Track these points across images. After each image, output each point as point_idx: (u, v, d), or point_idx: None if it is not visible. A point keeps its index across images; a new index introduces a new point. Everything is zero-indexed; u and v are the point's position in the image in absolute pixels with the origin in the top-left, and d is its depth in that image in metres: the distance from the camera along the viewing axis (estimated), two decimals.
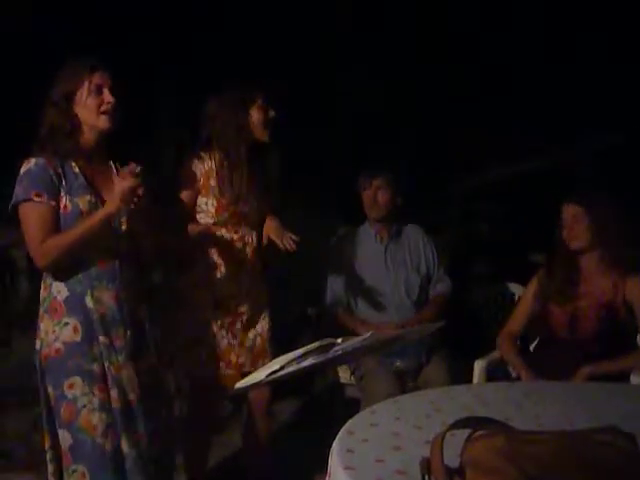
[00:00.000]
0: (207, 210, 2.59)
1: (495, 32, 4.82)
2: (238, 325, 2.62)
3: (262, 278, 2.72)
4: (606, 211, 2.54)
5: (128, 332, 2.15)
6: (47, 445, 2.12)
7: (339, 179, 4.17)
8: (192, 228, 2.58)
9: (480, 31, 4.83)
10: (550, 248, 2.70)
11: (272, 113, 2.61)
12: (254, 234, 2.65)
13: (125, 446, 2.07)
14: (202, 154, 2.60)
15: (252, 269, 2.66)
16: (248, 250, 2.64)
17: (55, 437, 2.10)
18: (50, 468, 2.12)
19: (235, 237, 2.61)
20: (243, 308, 2.62)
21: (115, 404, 2.07)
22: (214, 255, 2.59)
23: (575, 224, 2.54)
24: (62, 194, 2.08)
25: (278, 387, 2.68)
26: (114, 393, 2.07)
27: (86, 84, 2.12)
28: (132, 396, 2.12)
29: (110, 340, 2.10)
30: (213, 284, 2.59)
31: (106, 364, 2.08)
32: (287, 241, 2.53)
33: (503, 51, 4.83)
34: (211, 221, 2.59)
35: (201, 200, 2.59)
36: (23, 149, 2.14)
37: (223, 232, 2.60)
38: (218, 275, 2.59)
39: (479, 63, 4.87)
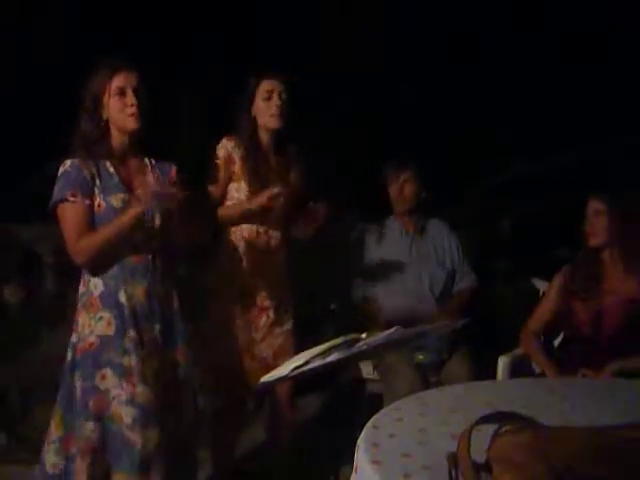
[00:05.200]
0: (237, 197, 2.59)
1: (515, 30, 4.81)
2: (263, 319, 2.62)
3: (286, 273, 2.71)
4: (629, 208, 2.52)
5: (157, 326, 2.19)
6: (56, 435, 2.14)
7: (360, 175, 4.17)
8: (223, 210, 2.59)
9: (500, 29, 4.82)
10: (574, 244, 2.69)
11: (277, 100, 2.57)
12: (280, 227, 2.64)
13: (150, 441, 2.09)
14: (226, 141, 2.61)
15: (276, 263, 2.66)
16: (273, 243, 2.63)
17: (70, 430, 2.12)
18: (54, 460, 2.13)
19: (260, 229, 2.61)
20: (267, 302, 2.62)
21: (140, 399, 2.10)
22: (239, 247, 2.60)
23: (596, 220, 2.53)
24: (96, 193, 2.13)
25: (302, 382, 2.69)
26: (140, 388, 2.10)
27: (108, 87, 2.14)
28: (157, 391, 2.14)
29: (139, 334, 2.14)
30: (238, 277, 2.59)
31: (135, 358, 2.12)
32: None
33: (525, 48, 4.81)
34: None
35: (232, 186, 2.61)
36: (46, 152, 2.20)
37: (248, 225, 2.60)
38: (242, 268, 2.59)
39: (498, 61, 4.85)
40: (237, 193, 2.60)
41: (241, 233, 2.61)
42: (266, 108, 2.59)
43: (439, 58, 4.94)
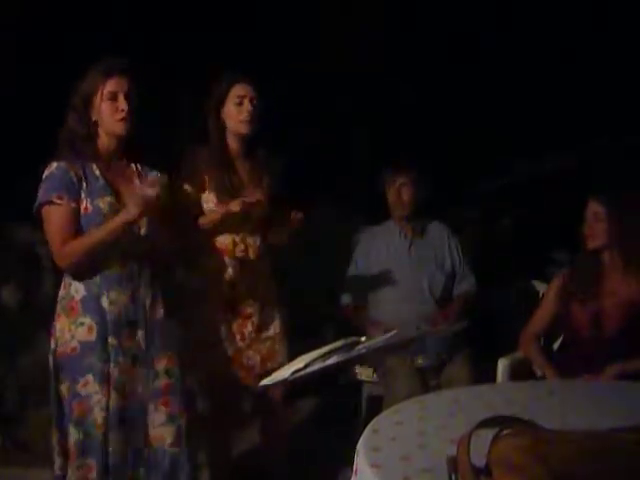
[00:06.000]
0: (207, 207, 2.55)
1: (515, 31, 4.81)
2: (249, 327, 2.59)
3: (270, 278, 2.68)
4: (629, 210, 2.51)
5: (139, 333, 2.18)
6: (55, 440, 2.16)
7: (362, 178, 4.18)
8: (202, 219, 2.55)
9: (500, 29, 4.82)
10: (573, 246, 2.69)
11: (248, 106, 2.54)
12: (257, 232, 2.60)
13: (127, 447, 2.12)
14: (198, 150, 2.59)
15: (258, 270, 2.62)
16: (251, 250, 2.59)
17: (63, 433, 2.14)
18: (58, 462, 2.16)
19: (237, 238, 2.56)
20: (251, 309, 2.59)
21: (118, 405, 2.11)
22: (218, 257, 2.57)
23: (595, 223, 2.52)
24: (83, 196, 2.12)
25: (302, 385, 2.68)
26: (113, 394, 2.11)
27: (100, 90, 2.15)
28: (133, 398, 2.15)
29: (119, 341, 2.13)
30: (219, 286, 2.56)
31: (116, 365, 2.12)
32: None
33: (523, 48, 4.81)
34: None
35: (202, 196, 2.56)
36: (46, 151, 2.19)
37: (225, 234, 2.56)
38: (223, 277, 2.56)
39: (498, 61, 4.85)
40: (206, 203, 2.55)
41: (219, 242, 2.57)
42: (237, 113, 2.55)
43: (439, 58, 4.94)
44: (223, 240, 2.57)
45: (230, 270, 2.57)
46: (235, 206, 2.46)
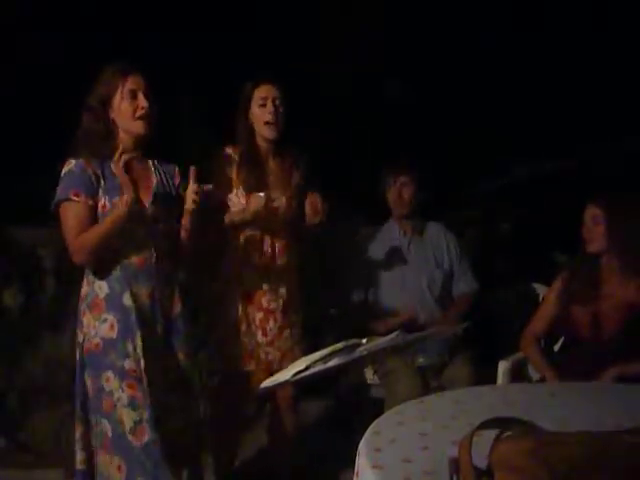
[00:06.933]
0: (238, 202, 2.59)
1: (515, 31, 4.81)
2: (271, 323, 2.62)
3: (295, 275, 2.71)
4: (627, 214, 2.51)
5: (159, 329, 2.20)
6: (78, 434, 2.17)
7: (362, 178, 4.18)
8: (228, 216, 2.58)
9: (504, 30, 4.82)
10: (573, 248, 2.69)
11: (271, 107, 2.57)
12: (284, 230, 2.64)
13: (153, 443, 2.10)
14: (228, 150, 2.62)
15: (282, 266, 2.64)
16: (278, 247, 2.62)
17: (87, 426, 2.16)
18: (80, 456, 2.17)
19: (265, 234, 2.60)
20: (274, 305, 2.62)
21: (145, 401, 2.11)
22: (243, 251, 2.60)
23: (593, 227, 2.52)
24: (101, 194, 2.14)
25: (303, 387, 2.69)
26: (140, 391, 2.11)
27: (120, 89, 2.15)
28: (159, 393, 2.15)
29: (142, 337, 2.14)
30: (243, 280, 2.59)
31: (136, 361, 2.12)
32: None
33: (524, 49, 4.81)
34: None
35: (230, 195, 2.60)
36: (47, 152, 2.20)
37: (252, 228, 2.59)
38: (247, 272, 2.59)
39: (500, 61, 4.85)
40: (236, 198, 2.59)
41: (245, 237, 2.60)
42: (261, 115, 2.58)
43: (439, 58, 4.94)
44: (249, 234, 2.59)
45: (254, 264, 2.59)
46: (256, 202, 2.47)
